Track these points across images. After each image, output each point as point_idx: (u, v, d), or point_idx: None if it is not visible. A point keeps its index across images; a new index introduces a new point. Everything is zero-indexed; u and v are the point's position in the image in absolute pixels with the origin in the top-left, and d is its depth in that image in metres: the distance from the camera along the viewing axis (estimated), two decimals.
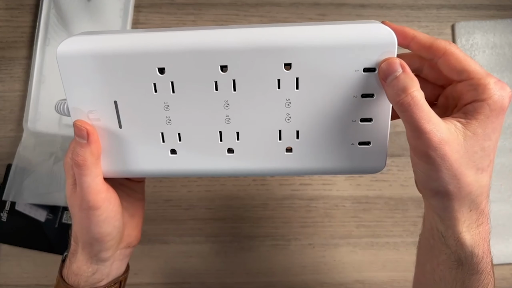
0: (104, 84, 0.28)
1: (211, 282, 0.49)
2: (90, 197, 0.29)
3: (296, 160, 0.29)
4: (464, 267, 0.28)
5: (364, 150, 0.28)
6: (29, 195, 0.46)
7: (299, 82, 0.27)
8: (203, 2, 0.50)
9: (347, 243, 0.49)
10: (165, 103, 0.28)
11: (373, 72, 0.26)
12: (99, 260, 0.32)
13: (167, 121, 0.29)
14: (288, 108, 0.28)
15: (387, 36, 0.26)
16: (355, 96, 0.27)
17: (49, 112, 0.47)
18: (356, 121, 0.28)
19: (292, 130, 0.28)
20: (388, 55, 0.26)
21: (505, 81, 0.50)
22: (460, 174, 0.25)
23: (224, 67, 0.27)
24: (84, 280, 0.32)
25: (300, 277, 0.49)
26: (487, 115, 0.25)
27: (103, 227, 0.30)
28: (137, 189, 0.36)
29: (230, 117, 0.28)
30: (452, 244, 0.27)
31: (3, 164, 0.49)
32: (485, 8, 0.51)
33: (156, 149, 0.29)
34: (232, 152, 0.29)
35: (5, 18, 0.49)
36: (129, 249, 0.35)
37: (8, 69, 0.49)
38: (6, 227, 0.48)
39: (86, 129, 0.28)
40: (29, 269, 0.48)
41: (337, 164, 0.29)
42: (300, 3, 0.50)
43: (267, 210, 0.49)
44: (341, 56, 0.26)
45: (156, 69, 0.27)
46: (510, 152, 0.50)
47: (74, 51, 0.27)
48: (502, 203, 0.49)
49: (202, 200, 0.49)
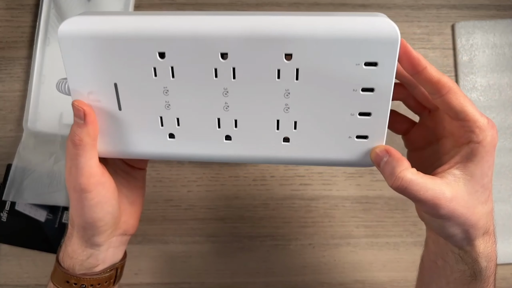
0: (105, 66, 0.28)
1: (211, 282, 0.49)
2: (82, 179, 0.29)
3: (292, 150, 0.29)
4: (477, 281, 0.30)
5: (361, 144, 0.28)
6: (29, 195, 0.46)
7: (299, 73, 0.27)
8: (203, 2, 0.50)
9: (347, 243, 0.49)
10: (164, 87, 0.28)
11: (374, 67, 0.26)
12: (93, 244, 0.32)
13: (166, 106, 0.29)
14: (287, 99, 0.28)
15: (390, 31, 0.25)
16: (355, 90, 0.27)
17: (49, 112, 0.47)
18: (354, 115, 0.28)
19: (290, 121, 0.28)
20: (390, 50, 0.26)
21: (505, 81, 0.50)
22: (471, 215, 0.27)
23: (224, 55, 0.27)
24: (79, 264, 0.32)
25: (300, 277, 0.49)
26: (482, 156, 0.27)
27: (96, 211, 0.30)
28: (138, 177, 0.36)
29: (228, 104, 0.28)
30: (469, 262, 0.30)
31: (3, 164, 0.49)
32: (485, 8, 0.51)
33: (155, 133, 0.29)
34: (230, 139, 0.29)
35: (5, 18, 0.49)
36: (126, 237, 0.35)
37: (8, 69, 0.49)
38: (6, 227, 0.48)
39: (83, 109, 0.28)
40: (29, 269, 0.48)
41: (333, 156, 0.29)
42: (300, 3, 0.50)
43: (267, 210, 0.49)
44: (343, 49, 0.26)
45: (157, 54, 0.27)
46: (510, 152, 0.50)
47: (75, 31, 0.27)
48: (502, 203, 0.49)
49: (202, 200, 0.49)
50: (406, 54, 0.26)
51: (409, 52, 0.26)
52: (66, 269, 0.33)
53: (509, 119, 0.50)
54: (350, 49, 0.26)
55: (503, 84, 0.50)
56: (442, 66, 0.50)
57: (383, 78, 0.26)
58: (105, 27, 0.27)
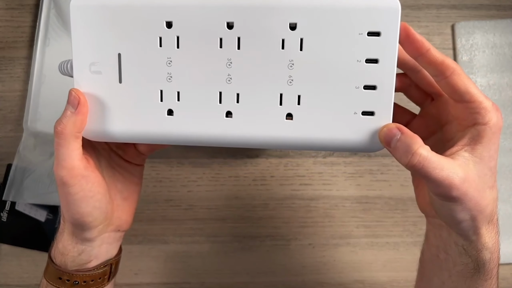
0: (112, 35, 0.28)
1: (211, 282, 0.49)
2: (63, 171, 0.28)
3: (295, 128, 0.28)
4: (480, 273, 0.29)
5: (367, 121, 0.28)
6: (29, 195, 0.46)
7: (303, 43, 0.27)
8: None
9: (347, 243, 0.49)
10: (168, 58, 0.28)
11: (377, 37, 0.26)
12: (84, 240, 0.31)
13: (167, 78, 0.28)
14: (291, 70, 0.27)
15: (391, 1, 0.26)
16: (359, 60, 0.27)
17: (49, 112, 0.47)
18: (359, 88, 0.27)
19: (294, 94, 0.28)
20: (392, 19, 0.26)
21: (505, 81, 0.50)
22: (481, 199, 0.27)
23: (230, 25, 0.27)
24: (71, 260, 0.32)
25: (300, 277, 0.49)
26: (490, 138, 0.27)
27: (81, 206, 0.29)
28: (135, 173, 0.35)
29: (231, 76, 0.28)
30: (473, 254, 0.29)
31: (3, 164, 0.49)
32: (485, 8, 0.51)
33: (153, 108, 0.29)
34: (231, 115, 0.28)
35: (5, 18, 0.49)
36: (120, 233, 0.34)
37: (8, 69, 0.49)
38: (6, 227, 0.48)
39: (79, 98, 0.28)
40: (29, 269, 0.48)
41: (339, 136, 0.28)
42: None
43: (267, 210, 0.49)
44: (346, 18, 0.26)
45: (164, 23, 0.27)
46: (510, 152, 0.50)
47: (87, 2, 0.28)
48: (502, 203, 0.49)
49: (202, 200, 0.49)
50: (409, 37, 0.26)
51: (412, 35, 0.26)
52: (58, 265, 0.32)
53: (509, 119, 0.50)
54: (352, 19, 0.26)
55: (503, 84, 0.50)
56: None
57: (386, 48, 0.27)
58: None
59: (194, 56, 0.28)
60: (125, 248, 0.49)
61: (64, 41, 0.48)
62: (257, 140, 0.29)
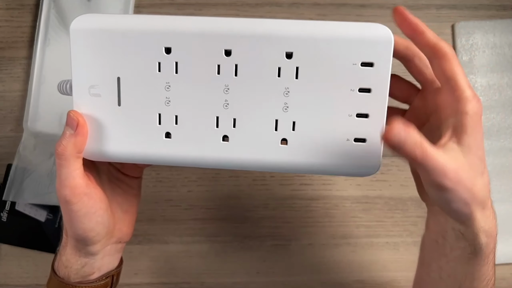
0: (111, 59, 0.28)
1: (211, 282, 0.49)
2: (65, 190, 0.29)
3: (290, 154, 0.29)
4: (477, 258, 0.30)
5: (359, 148, 0.28)
6: (29, 195, 0.46)
7: (299, 71, 0.28)
8: (203, 2, 0.50)
9: (347, 243, 0.49)
10: (167, 83, 0.28)
11: (370, 67, 0.27)
12: (87, 253, 0.32)
13: (166, 102, 0.29)
14: (286, 97, 0.28)
15: (384, 33, 0.27)
16: (353, 90, 0.28)
17: (49, 112, 0.47)
18: (352, 115, 0.28)
19: (289, 121, 0.28)
20: (385, 50, 0.27)
21: (505, 81, 0.50)
22: (473, 186, 0.27)
23: (228, 52, 0.28)
24: (74, 272, 0.32)
25: (300, 277, 0.49)
26: (473, 127, 0.27)
27: (85, 222, 0.30)
28: (133, 185, 0.36)
29: (228, 102, 0.28)
30: (470, 238, 0.29)
31: (3, 164, 0.49)
32: (485, 8, 0.51)
33: (151, 131, 0.29)
34: (227, 140, 0.29)
35: (5, 18, 0.49)
36: (120, 245, 0.35)
37: (8, 69, 0.49)
38: (6, 227, 0.48)
39: (77, 120, 0.28)
40: (29, 269, 0.48)
41: (332, 161, 0.29)
42: (300, 3, 0.50)
43: (267, 210, 0.49)
44: (340, 48, 0.27)
45: (163, 48, 0.28)
46: (510, 152, 0.50)
47: (87, 25, 0.28)
48: (502, 203, 0.49)
49: (202, 200, 0.49)
50: (406, 20, 0.28)
51: (408, 18, 0.28)
52: (62, 278, 0.32)
53: (509, 119, 0.50)
54: (347, 49, 0.27)
55: (503, 84, 0.50)
56: None
57: (379, 78, 0.27)
58: (115, 22, 0.28)
59: (192, 82, 0.28)
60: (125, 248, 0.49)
61: (64, 41, 0.48)
62: (252, 164, 0.29)
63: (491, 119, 0.49)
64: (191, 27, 0.28)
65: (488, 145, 0.49)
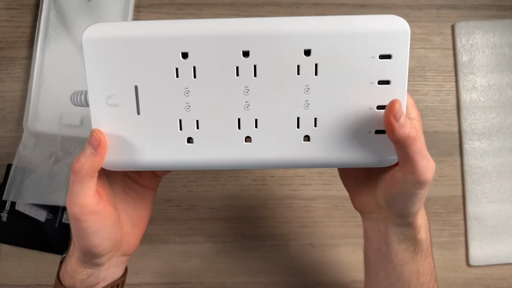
0: (127, 68, 0.28)
1: (211, 282, 0.49)
2: (75, 208, 0.29)
3: (313, 150, 0.29)
4: (419, 254, 0.32)
5: (380, 139, 0.29)
6: (29, 195, 0.46)
7: (317, 68, 0.28)
8: (203, 2, 0.50)
9: (347, 243, 0.49)
10: (185, 88, 0.28)
11: (388, 59, 0.27)
12: (93, 265, 0.32)
13: (186, 107, 0.28)
14: (307, 95, 0.28)
15: (400, 25, 0.27)
16: (372, 82, 0.28)
17: (49, 112, 0.47)
18: (372, 108, 0.28)
19: (310, 117, 0.28)
20: (402, 42, 0.27)
21: (505, 81, 0.50)
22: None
23: (246, 53, 0.27)
24: (80, 282, 0.32)
25: (300, 277, 0.49)
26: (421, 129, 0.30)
27: (92, 239, 0.30)
28: (147, 197, 0.35)
29: (249, 103, 0.28)
30: (412, 236, 0.31)
31: (3, 164, 0.49)
32: (485, 8, 0.51)
33: (173, 138, 0.29)
34: (250, 141, 0.29)
35: (5, 18, 0.49)
36: (126, 257, 0.35)
37: (8, 69, 0.49)
38: (6, 227, 0.48)
39: (100, 139, 0.28)
40: (29, 269, 0.48)
41: (354, 154, 0.29)
42: (300, 3, 0.50)
43: (267, 210, 0.49)
44: (358, 42, 0.27)
45: (180, 54, 0.28)
46: (510, 152, 0.50)
47: (100, 35, 0.28)
48: (502, 203, 0.49)
49: (202, 200, 0.49)
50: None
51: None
52: (67, 287, 0.32)
53: (509, 119, 0.50)
54: (364, 43, 0.27)
55: (503, 84, 0.50)
56: (442, 66, 0.50)
57: (397, 69, 0.28)
58: (129, 29, 0.28)
59: (211, 85, 0.28)
60: None
61: (64, 41, 0.48)
62: (277, 162, 0.29)
63: (491, 119, 0.49)
64: (207, 30, 0.27)
65: (488, 145, 0.49)
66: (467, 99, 0.50)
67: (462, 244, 0.50)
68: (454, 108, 0.50)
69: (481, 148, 0.49)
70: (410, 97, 0.30)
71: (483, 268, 0.50)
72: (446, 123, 0.50)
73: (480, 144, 0.49)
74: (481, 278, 0.50)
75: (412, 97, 0.32)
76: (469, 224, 0.49)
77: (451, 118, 0.50)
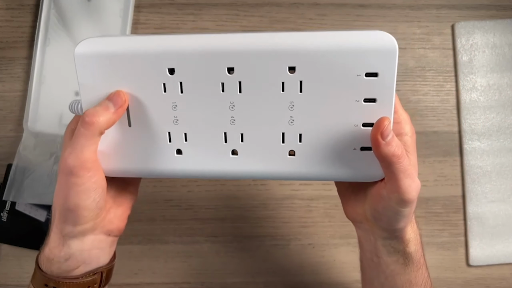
0: (118, 82, 0.29)
1: (211, 282, 0.49)
2: (76, 162, 0.28)
3: (298, 164, 0.29)
4: (410, 266, 0.31)
5: (366, 156, 0.29)
6: (29, 195, 0.46)
7: (302, 85, 0.27)
8: (203, 2, 0.50)
9: (347, 243, 0.49)
10: (173, 103, 0.29)
11: (375, 77, 0.27)
12: (72, 236, 0.30)
13: (174, 121, 0.29)
14: (292, 111, 0.28)
15: (388, 42, 0.26)
16: (357, 100, 0.27)
17: (49, 112, 0.47)
18: (358, 125, 0.28)
19: (295, 133, 0.29)
20: (389, 60, 0.26)
21: (505, 81, 0.50)
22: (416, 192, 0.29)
23: (231, 69, 0.28)
24: (57, 266, 0.30)
25: (300, 277, 0.49)
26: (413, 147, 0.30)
27: (82, 198, 0.29)
28: (132, 183, 0.35)
29: (235, 118, 0.29)
30: (401, 249, 0.31)
31: (3, 164, 0.49)
32: (485, 8, 0.51)
33: (163, 149, 0.30)
34: (236, 154, 0.30)
35: (5, 18, 0.49)
36: (111, 238, 0.33)
37: (8, 69, 0.49)
38: (6, 227, 0.48)
39: (125, 100, 0.29)
40: (29, 269, 0.48)
41: (339, 169, 0.29)
42: (300, 3, 0.50)
43: (267, 210, 0.49)
44: (344, 60, 0.27)
45: (167, 70, 0.28)
46: (510, 152, 0.50)
47: (91, 50, 0.28)
48: (502, 203, 0.49)
49: (202, 200, 0.49)
50: None
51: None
52: (44, 271, 0.31)
53: (509, 119, 0.50)
54: (350, 61, 0.27)
55: (503, 84, 0.50)
56: (442, 66, 0.50)
57: (384, 88, 0.27)
58: (118, 45, 0.28)
59: (198, 100, 0.29)
60: (125, 248, 0.49)
61: (64, 41, 0.48)
62: (262, 175, 0.30)
63: (491, 119, 0.50)
64: (192, 46, 0.27)
65: (488, 145, 0.49)
66: (467, 99, 0.50)
67: (462, 244, 0.50)
68: (454, 108, 0.50)
69: (481, 148, 0.49)
70: (404, 111, 0.30)
71: (483, 268, 0.50)
72: (446, 123, 0.50)
73: (480, 144, 0.49)
74: (481, 278, 0.50)
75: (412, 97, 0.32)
76: (469, 224, 0.49)
77: (451, 118, 0.50)
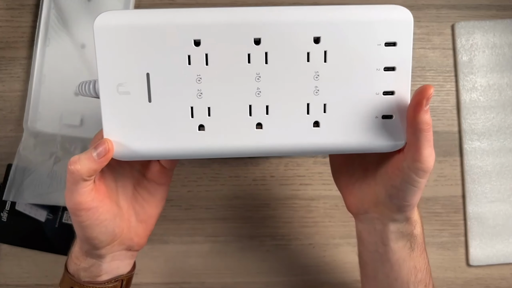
0: (139, 55, 0.28)
1: (211, 282, 0.49)
2: (70, 204, 0.29)
3: (323, 135, 0.29)
4: (415, 251, 0.32)
5: (387, 124, 0.29)
6: (29, 195, 0.46)
7: (327, 55, 0.28)
8: (203, 3, 0.50)
9: (348, 243, 0.49)
10: (197, 75, 0.28)
11: (394, 47, 0.28)
12: (93, 255, 0.32)
13: (198, 94, 0.29)
14: (316, 81, 0.29)
15: (404, 14, 0.28)
16: (378, 69, 0.29)
17: (49, 112, 0.47)
18: (379, 94, 0.29)
19: (320, 103, 0.29)
20: (406, 30, 0.28)
21: (505, 81, 0.50)
22: None
23: (257, 41, 0.28)
24: (83, 270, 0.33)
25: (300, 277, 0.49)
26: None
27: (88, 232, 0.30)
28: (157, 195, 0.35)
29: (260, 90, 0.29)
30: (409, 232, 0.32)
31: (3, 164, 0.49)
32: (485, 8, 0.51)
33: (184, 125, 0.29)
34: (261, 127, 0.29)
35: (5, 18, 0.49)
36: (131, 252, 0.35)
37: (8, 69, 0.49)
38: (6, 227, 0.48)
39: (109, 150, 0.28)
40: (29, 269, 0.48)
41: (362, 139, 0.30)
42: (300, 3, 0.50)
43: (267, 210, 0.49)
44: (365, 30, 0.28)
45: (192, 41, 0.28)
46: (510, 152, 0.50)
47: (112, 22, 0.28)
48: (502, 203, 0.49)
49: (202, 200, 0.49)
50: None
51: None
52: (72, 274, 0.33)
53: (509, 119, 0.50)
54: (371, 31, 0.28)
55: (503, 84, 0.50)
56: (442, 66, 0.50)
57: (402, 56, 0.29)
58: (141, 16, 0.28)
59: (223, 72, 0.28)
60: None
61: (64, 41, 0.48)
62: (287, 148, 0.30)
63: (491, 119, 0.50)
64: (219, 18, 0.28)
65: (488, 145, 0.50)
66: (467, 99, 0.50)
67: (462, 244, 0.50)
68: (454, 108, 0.50)
69: (481, 148, 0.49)
70: None
71: (483, 268, 0.50)
72: (446, 123, 0.50)
73: (480, 144, 0.49)
74: (481, 278, 0.50)
75: None
76: (469, 224, 0.49)
77: (451, 118, 0.50)
